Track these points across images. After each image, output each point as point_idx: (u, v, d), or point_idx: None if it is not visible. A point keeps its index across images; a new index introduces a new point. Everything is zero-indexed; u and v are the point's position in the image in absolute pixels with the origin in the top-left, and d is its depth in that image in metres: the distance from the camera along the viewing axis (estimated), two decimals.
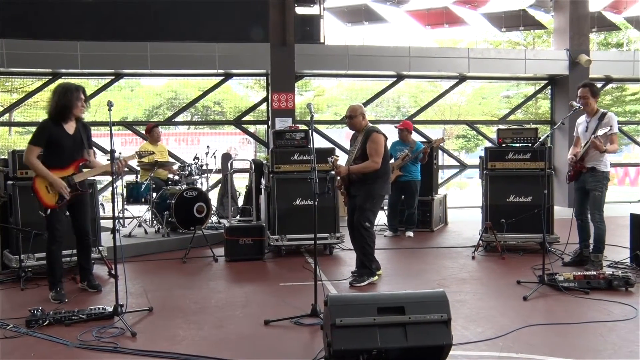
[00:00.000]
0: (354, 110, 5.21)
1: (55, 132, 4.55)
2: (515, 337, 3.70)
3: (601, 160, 5.46)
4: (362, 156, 5.10)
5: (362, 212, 5.12)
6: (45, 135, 4.54)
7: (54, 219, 4.63)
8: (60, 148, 4.58)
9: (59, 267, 4.77)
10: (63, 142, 4.58)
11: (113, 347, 3.59)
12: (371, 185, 5.11)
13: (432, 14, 13.50)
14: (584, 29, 11.52)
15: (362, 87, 24.36)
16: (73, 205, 4.76)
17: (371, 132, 5.09)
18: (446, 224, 9.18)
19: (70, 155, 4.64)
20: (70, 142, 4.61)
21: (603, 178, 5.49)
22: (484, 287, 5.15)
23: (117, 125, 11.76)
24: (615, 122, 5.40)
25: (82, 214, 4.84)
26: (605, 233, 5.56)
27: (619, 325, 3.91)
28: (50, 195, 4.57)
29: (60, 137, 4.56)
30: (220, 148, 9.79)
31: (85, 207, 4.87)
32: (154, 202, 7.56)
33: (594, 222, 5.54)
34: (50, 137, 4.54)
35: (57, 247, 4.69)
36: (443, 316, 3.06)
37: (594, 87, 5.58)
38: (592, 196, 5.52)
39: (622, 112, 21.67)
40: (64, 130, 4.59)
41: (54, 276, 4.72)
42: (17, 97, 16.84)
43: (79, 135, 4.67)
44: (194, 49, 10.03)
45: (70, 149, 4.63)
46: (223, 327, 4.03)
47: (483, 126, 16.12)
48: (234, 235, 6.39)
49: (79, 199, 4.75)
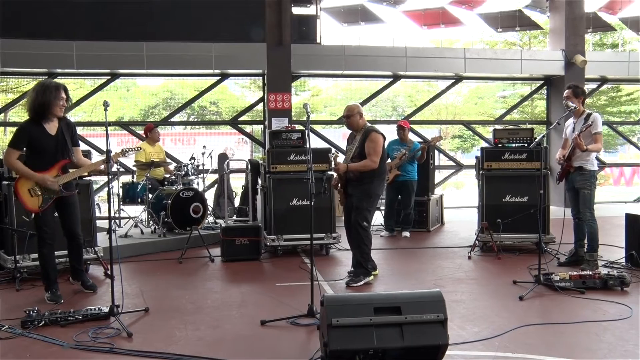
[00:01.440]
0: (351, 110, 5.23)
1: (35, 133, 4.40)
2: (512, 336, 3.71)
3: (587, 160, 5.55)
4: (359, 155, 5.12)
5: (359, 212, 5.14)
6: (24, 137, 4.41)
7: (40, 222, 4.54)
8: (42, 149, 4.44)
9: (53, 269, 4.72)
10: (44, 143, 4.43)
11: (109, 347, 3.58)
12: (368, 184, 5.13)
13: (429, 14, 13.51)
14: (579, 30, 11.54)
15: (358, 87, 24.36)
16: (60, 207, 4.64)
17: (370, 131, 5.11)
18: (442, 224, 9.19)
19: (52, 157, 4.49)
20: (52, 143, 4.46)
21: (591, 177, 5.56)
22: (480, 287, 5.16)
23: (113, 125, 11.71)
24: (599, 122, 5.47)
25: (70, 216, 4.70)
26: (597, 231, 5.60)
27: (614, 324, 3.92)
28: (33, 199, 4.44)
29: (40, 138, 4.42)
30: (217, 148, 9.79)
31: (72, 209, 4.70)
32: (150, 202, 7.55)
33: (586, 220, 5.59)
34: (30, 138, 4.40)
35: (47, 249, 4.63)
36: (439, 316, 3.06)
37: (577, 89, 5.63)
38: (581, 195, 5.58)
39: (618, 113, 21.75)
40: (44, 130, 4.44)
41: (48, 278, 4.69)
42: (12, 97, 16.78)
43: (62, 135, 4.50)
44: (190, 49, 10.01)
45: (52, 150, 4.47)
46: (219, 328, 4.02)
47: (479, 126, 16.18)
48: (230, 236, 6.39)
49: (65, 201, 4.61)
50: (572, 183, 5.68)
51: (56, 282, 4.75)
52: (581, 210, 5.61)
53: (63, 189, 4.53)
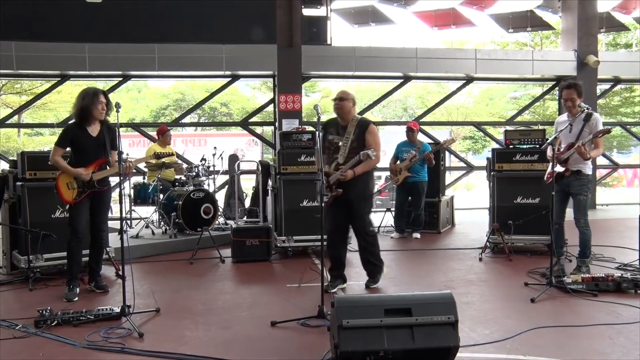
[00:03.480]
0: (347, 94, 4.88)
1: (77, 134, 4.84)
2: (523, 339, 3.68)
3: (586, 163, 5.26)
4: (358, 148, 4.72)
5: (362, 220, 4.86)
6: (67, 137, 4.85)
7: (73, 213, 4.88)
8: (83, 149, 4.85)
9: (76, 264, 4.93)
10: (84, 143, 4.84)
11: (120, 347, 3.60)
12: (365, 186, 4.88)
13: (439, 15, 13.48)
14: (592, 30, 11.44)
15: (369, 88, 24.33)
16: (93, 203, 4.93)
17: (368, 123, 4.84)
18: (453, 226, 9.15)
19: (92, 156, 4.86)
20: (92, 144, 4.85)
21: (588, 182, 5.31)
22: (491, 289, 5.13)
23: (125, 126, 11.76)
24: (601, 123, 5.20)
25: (100, 213, 5.01)
26: (590, 238, 5.35)
27: (628, 327, 3.88)
28: (69, 192, 4.81)
29: (81, 139, 4.83)
30: (227, 149, 9.81)
31: (104, 207, 5.04)
32: (162, 203, 7.59)
33: (579, 227, 5.31)
34: (73, 139, 4.84)
35: (75, 243, 4.88)
36: (450, 318, 3.05)
37: (579, 87, 5.28)
38: (577, 200, 5.28)
39: (631, 113, 21.52)
40: (87, 132, 4.84)
41: (71, 272, 4.90)
42: (26, 99, 16.96)
43: (102, 137, 4.89)
44: (200, 50, 10.07)
45: (92, 149, 4.86)
46: (230, 328, 4.03)
47: (490, 127, 16.07)
48: (240, 237, 6.40)
49: (99, 198, 4.94)
50: (564, 187, 5.34)
51: (77, 279, 4.94)
52: (575, 216, 5.32)
53: (97, 184, 4.85)
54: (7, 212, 5.74)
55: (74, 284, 4.87)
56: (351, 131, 4.81)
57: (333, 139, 4.87)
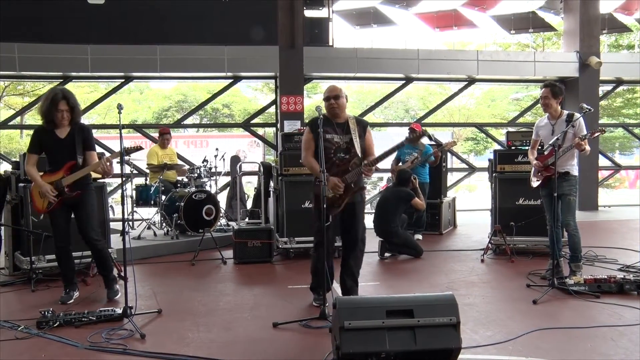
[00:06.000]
0: (339, 90, 4.52)
1: (44, 137, 4.62)
2: (525, 341, 3.68)
3: (573, 165, 5.24)
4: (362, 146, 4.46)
5: (362, 224, 4.57)
6: (35, 141, 4.65)
7: (51, 224, 4.74)
8: (50, 153, 4.66)
9: (69, 270, 4.81)
10: (52, 147, 4.62)
11: (122, 348, 3.61)
12: (364, 189, 4.69)
13: (441, 17, 13.47)
14: (594, 31, 11.43)
15: (370, 89, 24.32)
16: (74, 209, 4.72)
17: (366, 122, 4.66)
18: (455, 227, 9.15)
19: (60, 160, 4.62)
20: (59, 147, 4.60)
21: (575, 182, 5.26)
22: (493, 291, 5.12)
23: (127, 128, 11.83)
24: (584, 124, 5.15)
25: (82, 217, 4.70)
26: (580, 240, 5.27)
27: (631, 329, 3.87)
28: (40, 200, 4.67)
29: (48, 143, 4.62)
30: (229, 151, 9.83)
31: (82, 212, 4.70)
32: (163, 204, 7.60)
33: (569, 229, 5.22)
34: (40, 142, 4.64)
35: (58, 250, 4.76)
36: (452, 319, 3.05)
37: (555, 88, 5.23)
38: (566, 202, 5.19)
39: (634, 115, 21.47)
40: (54, 135, 4.59)
41: (64, 277, 4.83)
42: (28, 100, 17.00)
43: (71, 139, 4.60)
44: (202, 51, 10.08)
45: (60, 153, 4.61)
46: (232, 330, 4.03)
47: (492, 129, 16.06)
48: (242, 238, 6.41)
49: (76, 202, 4.66)
50: (552, 189, 5.16)
51: (73, 283, 4.84)
52: (564, 218, 5.25)
53: (68, 190, 4.59)
54: (10, 213, 5.75)
55: (70, 287, 4.79)
56: (354, 128, 4.49)
57: (333, 138, 4.48)
